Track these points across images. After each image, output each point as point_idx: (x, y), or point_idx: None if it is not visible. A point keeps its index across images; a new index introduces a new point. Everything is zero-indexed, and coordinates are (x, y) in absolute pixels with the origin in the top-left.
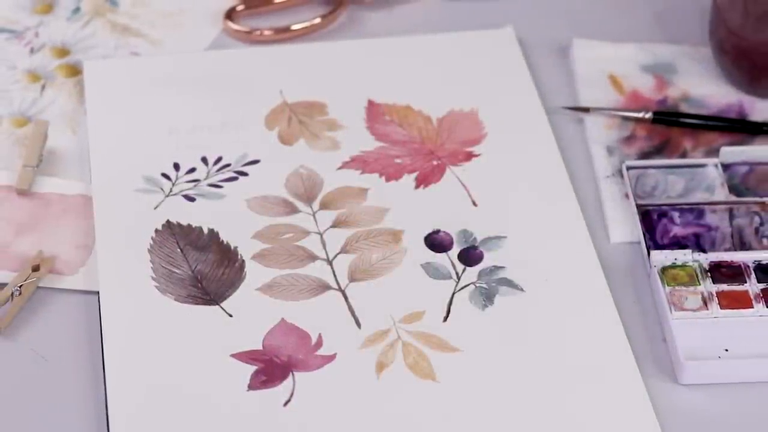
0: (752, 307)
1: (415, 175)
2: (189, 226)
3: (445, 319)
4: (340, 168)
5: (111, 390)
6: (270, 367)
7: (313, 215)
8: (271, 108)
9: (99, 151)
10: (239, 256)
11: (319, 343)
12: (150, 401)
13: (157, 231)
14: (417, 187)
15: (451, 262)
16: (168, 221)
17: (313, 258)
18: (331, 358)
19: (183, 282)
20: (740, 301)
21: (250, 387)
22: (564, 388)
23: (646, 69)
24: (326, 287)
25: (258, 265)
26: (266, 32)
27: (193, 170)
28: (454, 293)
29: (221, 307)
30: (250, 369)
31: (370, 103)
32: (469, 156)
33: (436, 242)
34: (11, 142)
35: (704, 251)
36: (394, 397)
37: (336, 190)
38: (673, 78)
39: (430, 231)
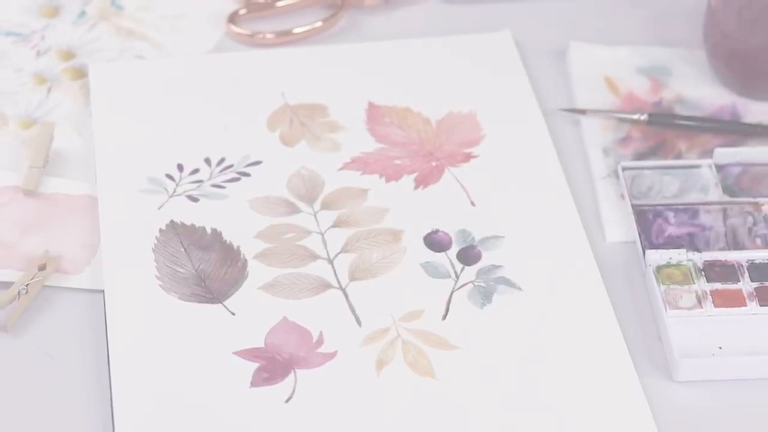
0: (745, 306)
1: (414, 175)
2: (192, 225)
3: (444, 317)
4: (340, 169)
5: (116, 386)
6: (272, 365)
7: (314, 215)
8: (273, 110)
9: (104, 153)
10: (242, 256)
11: (320, 341)
12: (154, 397)
13: (161, 231)
14: (416, 187)
15: (450, 261)
16: (172, 221)
17: (314, 257)
18: (332, 356)
19: (186, 281)
20: (734, 300)
21: (253, 384)
22: (561, 385)
23: (642, 71)
24: (327, 286)
25: (260, 265)
26: (268, 35)
27: (196, 171)
28: (453, 292)
29: (224, 306)
30: (253, 366)
31: (371, 105)
32: (468, 157)
33: (435, 242)
34: (18, 143)
35: (698, 251)
36: (393, 394)
37: (337, 191)
38: (668, 80)
39: (430, 231)
